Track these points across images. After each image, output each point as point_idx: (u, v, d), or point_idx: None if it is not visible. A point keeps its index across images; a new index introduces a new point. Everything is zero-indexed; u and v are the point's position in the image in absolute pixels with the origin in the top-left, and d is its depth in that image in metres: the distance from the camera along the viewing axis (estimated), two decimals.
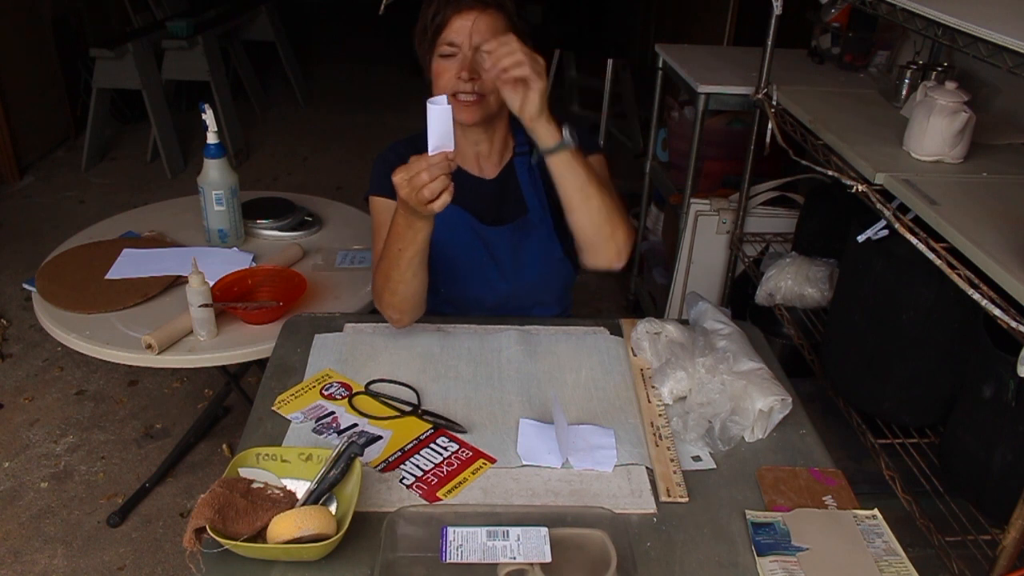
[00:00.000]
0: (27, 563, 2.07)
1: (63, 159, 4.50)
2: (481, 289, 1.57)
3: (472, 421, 1.28)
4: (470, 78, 1.39)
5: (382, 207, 1.51)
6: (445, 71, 1.41)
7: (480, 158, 1.55)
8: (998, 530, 1.30)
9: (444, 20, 1.40)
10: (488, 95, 1.42)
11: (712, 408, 1.28)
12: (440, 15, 1.40)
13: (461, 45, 1.39)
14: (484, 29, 1.38)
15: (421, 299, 1.43)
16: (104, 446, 2.47)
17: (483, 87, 1.41)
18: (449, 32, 1.40)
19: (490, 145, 1.54)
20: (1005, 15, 1.30)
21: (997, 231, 1.33)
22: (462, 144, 1.50)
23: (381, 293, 1.42)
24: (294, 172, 4.51)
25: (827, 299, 2.00)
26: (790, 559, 1.04)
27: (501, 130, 1.54)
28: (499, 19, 1.41)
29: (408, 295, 1.40)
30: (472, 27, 1.38)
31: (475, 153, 1.54)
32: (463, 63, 1.40)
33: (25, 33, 4.26)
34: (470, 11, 1.39)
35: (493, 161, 1.56)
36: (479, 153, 1.54)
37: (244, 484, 1.07)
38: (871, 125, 1.82)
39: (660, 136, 2.90)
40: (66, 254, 2.06)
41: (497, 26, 1.40)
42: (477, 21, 1.38)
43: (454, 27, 1.39)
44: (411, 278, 1.38)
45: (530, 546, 0.99)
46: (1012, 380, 1.28)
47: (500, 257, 1.54)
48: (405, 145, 1.53)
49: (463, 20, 1.39)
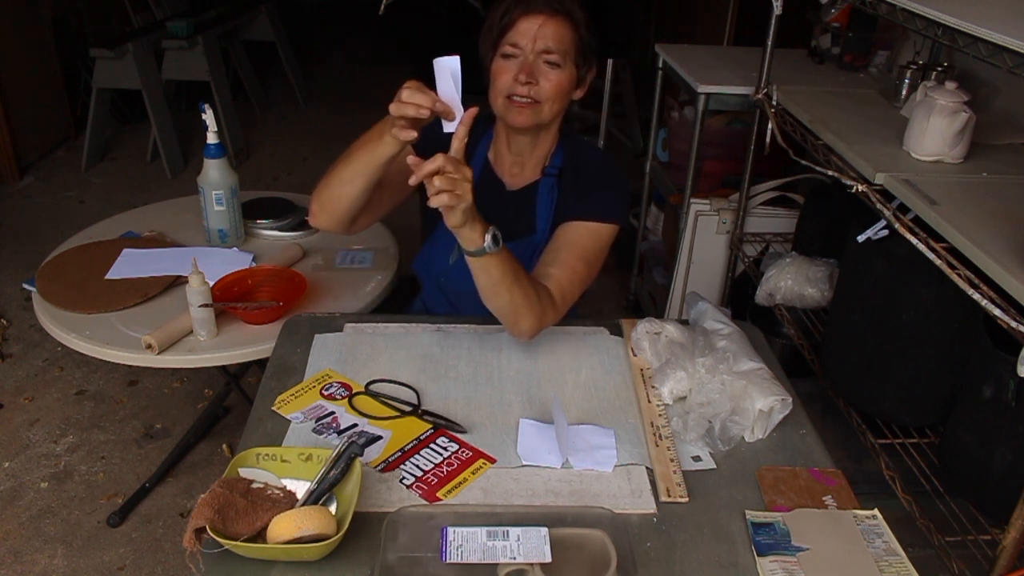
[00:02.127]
0: (27, 563, 2.07)
1: (63, 159, 4.50)
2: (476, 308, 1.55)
3: (472, 421, 1.28)
4: (527, 82, 1.37)
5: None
6: (504, 72, 1.39)
7: (514, 166, 1.53)
8: (998, 530, 1.30)
9: (511, 20, 1.37)
10: (544, 103, 1.39)
11: (712, 408, 1.28)
12: (508, 15, 1.38)
13: (524, 48, 1.37)
14: (550, 35, 1.36)
15: (345, 210, 1.38)
16: (104, 446, 2.47)
17: (539, 93, 1.38)
18: (514, 33, 1.37)
19: (529, 157, 1.51)
20: (1005, 15, 1.30)
21: (997, 231, 1.33)
22: (502, 148, 1.49)
23: (320, 183, 1.39)
24: (294, 172, 4.51)
25: (827, 299, 2.00)
26: (790, 559, 1.04)
27: (544, 145, 1.51)
28: (566, 27, 1.38)
29: (335, 196, 1.37)
30: (538, 31, 1.36)
31: (512, 160, 1.52)
32: (522, 66, 1.37)
33: (25, 33, 4.26)
34: (539, 14, 1.36)
35: (523, 174, 1.54)
36: (515, 160, 1.52)
37: (244, 484, 1.07)
38: (871, 125, 1.82)
39: (660, 136, 2.90)
40: (66, 254, 2.06)
41: (563, 34, 1.38)
42: (544, 26, 1.36)
43: (520, 28, 1.37)
44: (346, 183, 1.34)
45: (530, 546, 0.99)
46: (1012, 380, 1.28)
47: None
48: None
49: (530, 23, 1.37)
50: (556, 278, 1.40)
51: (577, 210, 1.46)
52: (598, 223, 1.46)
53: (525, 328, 1.36)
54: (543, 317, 1.36)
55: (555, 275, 1.40)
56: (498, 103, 1.42)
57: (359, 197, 1.37)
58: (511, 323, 1.37)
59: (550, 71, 1.38)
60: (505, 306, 1.33)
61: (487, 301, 1.34)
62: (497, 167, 1.52)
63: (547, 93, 1.38)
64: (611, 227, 1.47)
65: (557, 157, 1.52)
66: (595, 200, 1.46)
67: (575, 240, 1.45)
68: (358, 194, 1.36)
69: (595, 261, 1.47)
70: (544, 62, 1.38)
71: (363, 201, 1.38)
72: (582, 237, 1.45)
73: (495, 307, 1.34)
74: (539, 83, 1.38)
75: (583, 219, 1.45)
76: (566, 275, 1.41)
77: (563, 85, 1.40)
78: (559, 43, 1.37)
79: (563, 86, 1.40)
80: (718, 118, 2.62)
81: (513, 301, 1.31)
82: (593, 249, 1.45)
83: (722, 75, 2.39)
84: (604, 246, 1.48)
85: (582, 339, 1.50)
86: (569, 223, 1.46)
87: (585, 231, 1.45)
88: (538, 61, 1.37)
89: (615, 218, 1.47)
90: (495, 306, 1.34)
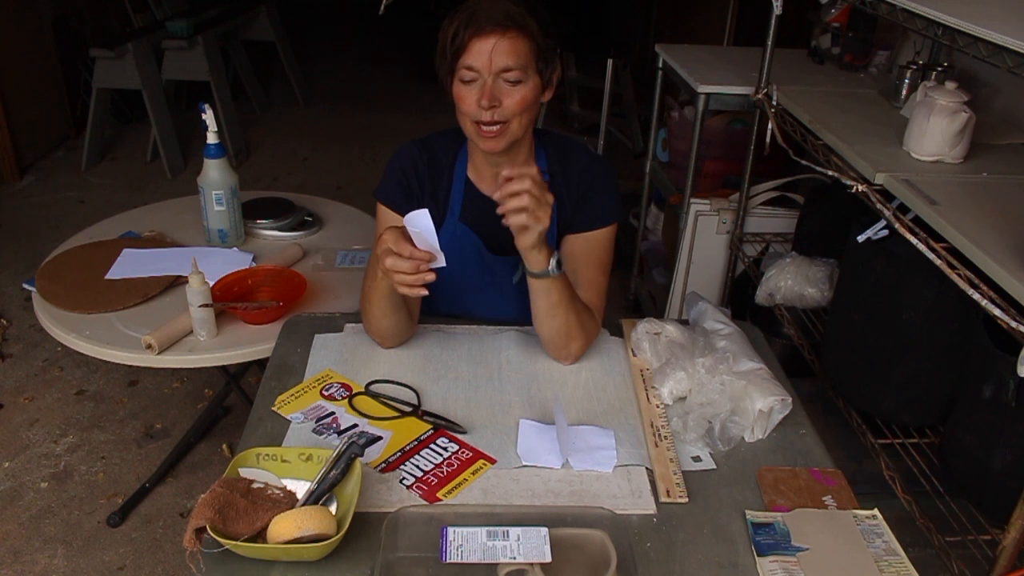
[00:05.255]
0: (27, 563, 2.07)
1: (63, 159, 4.50)
2: (484, 311, 1.55)
3: (472, 421, 1.28)
4: (491, 106, 1.30)
5: (384, 216, 1.47)
6: (466, 97, 1.32)
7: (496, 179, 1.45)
8: (998, 530, 1.30)
9: (463, 43, 1.29)
10: (511, 120, 1.34)
11: (712, 408, 1.28)
12: (459, 37, 1.29)
13: (481, 70, 1.30)
14: (506, 52, 1.28)
15: (400, 331, 1.43)
16: (104, 446, 2.47)
17: (505, 113, 1.32)
18: (468, 56, 1.29)
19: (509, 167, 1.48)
20: (1005, 15, 1.30)
21: (997, 231, 1.33)
22: (481, 164, 1.47)
23: (364, 316, 1.43)
24: (294, 172, 4.51)
25: (827, 299, 2.00)
26: (790, 559, 1.04)
27: (523, 152, 1.45)
28: (521, 41, 1.29)
29: (383, 328, 1.41)
30: (492, 52, 1.28)
31: (493, 174, 1.46)
32: (483, 90, 1.30)
33: (25, 33, 4.26)
34: (490, 35, 1.28)
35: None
36: (497, 174, 1.45)
37: (244, 484, 1.07)
38: (871, 125, 1.82)
39: (660, 136, 2.90)
40: (66, 254, 2.06)
41: (519, 49, 1.30)
42: (498, 45, 1.28)
43: (473, 51, 1.29)
44: (381, 317, 1.38)
45: (530, 546, 0.99)
46: (1012, 380, 1.28)
47: (503, 285, 1.51)
48: (420, 146, 1.48)
49: (483, 43, 1.28)
50: (586, 299, 1.43)
51: (578, 223, 1.46)
52: (602, 229, 1.46)
53: (574, 349, 1.41)
54: (590, 338, 1.43)
55: (584, 296, 1.43)
56: (468, 129, 1.38)
57: (402, 318, 1.40)
58: (562, 345, 1.40)
59: (512, 89, 1.31)
60: (560, 328, 1.37)
61: (541, 323, 1.38)
62: (480, 184, 1.48)
63: (512, 110, 1.32)
64: (614, 227, 1.49)
65: (541, 160, 1.48)
66: (595, 207, 1.46)
67: (589, 253, 1.46)
68: (400, 318, 1.40)
69: (608, 264, 1.50)
70: (505, 81, 1.31)
71: (407, 314, 1.41)
72: (594, 249, 1.46)
73: (549, 328, 1.38)
74: (503, 103, 1.31)
75: (589, 230, 1.46)
76: (594, 292, 1.46)
77: (528, 99, 1.33)
78: (517, 59, 1.29)
79: (528, 100, 1.33)
80: (718, 118, 2.62)
81: (568, 323, 1.36)
82: (605, 256, 1.48)
83: (722, 75, 2.39)
84: (612, 246, 1.50)
85: None
86: (576, 236, 1.46)
87: (595, 242, 1.46)
88: (498, 81, 1.30)
89: (616, 218, 1.48)
90: (550, 328, 1.38)
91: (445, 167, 1.48)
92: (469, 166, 1.48)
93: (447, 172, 1.48)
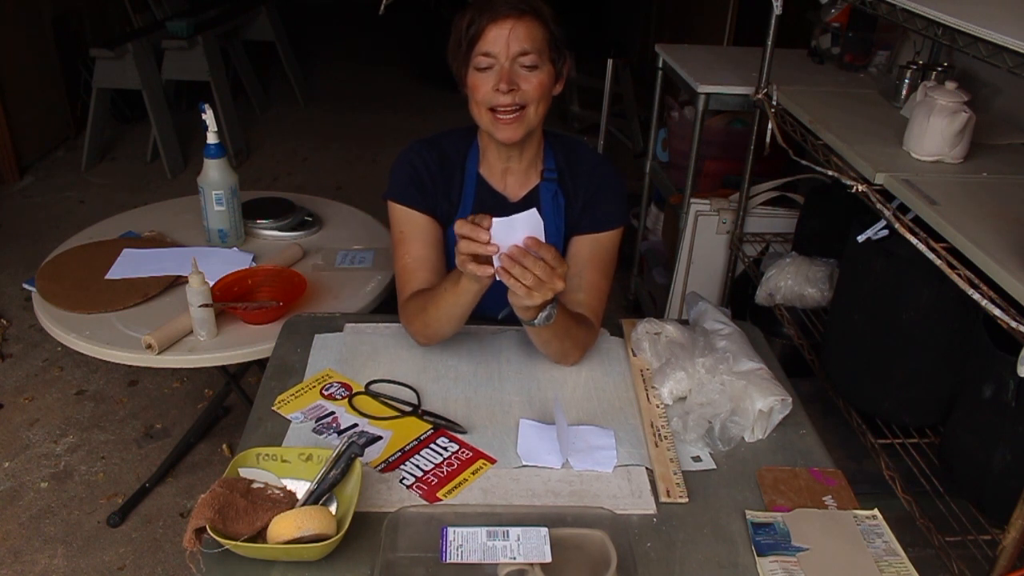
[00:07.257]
0: (27, 563, 2.07)
1: (63, 159, 4.50)
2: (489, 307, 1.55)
3: (472, 421, 1.28)
4: (509, 89, 1.32)
5: (401, 216, 1.46)
6: (483, 84, 1.34)
7: (507, 175, 1.49)
8: (998, 530, 1.30)
9: (479, 30, 1.33)
10: (528, 105, 1.36)
11: (712, 408, 1.28)
12: (475, 25, 1.33)
13: (498, 55, 1.32)
14: (523, 36, 1.32)
15: (451, 332, 1.42)
16: (104, 446, 2.47)
17: (524, 97, 1.34)
18: (484, 42, 1.32)
19: (520, 162, 1.48)
20: (1005, 15, 1.30)
21: (997, 231, 1.33)
22: (493, 159, 1.47)
23: (413, 320, 1.41)
24: (294, 172, 4.51)
25: (827, 299, 2.00)
26: (790, 559, 1.04)
27: (533, 147, 1.47)
28: (536, 25, 1.34)
29: (441, 333, 1.41)
30: (509, 36, 1.31)
31: (503, 168, 1.48)
32: (501, 74, 1.33)
33: (25, 33, 4.25)
34: (506, 19, 1.32)
35: (519, 181, 1.49)
36: (508, 169, 1.48)
37: (244, 484, 1.07)
38: (871, 125, 1.82)
39: (660, 136, 2.90)
40: (66, 254, 2.06)
41: (534, 34, 1.33)
42: (514, 29, 1.32)
43: (490, 37, 1.32)
44: (446, 324, 1.37)
45: (530, 546, 0.99)
46: (1012, 380, 1.28)
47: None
48: (426, 146, 1.48)
49: (499, 29, 1.32)
50: (587, 304, 1.44)
51: (586, 225, 1.47)
52: (608, 232, 1.47)
53: (573, 360, 1.44)
54: (588, 347, 1.46)
55: (585, 301, 1.44)
56: (483, 118, 1.38)
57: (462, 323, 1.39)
58: (559, 360, 1.43)
59: (529, 74, 1.34)
60: (555, 353, 1.41)
61: (536, 347, 1.41)
62: (491, 180, 1.48)
63: (531, 95, 1.34)
64: (620, 231, 1.50)
65: (550, 158, 1.49)
66: (602, 210, 1.46)
67: (593, 256, 1.46)
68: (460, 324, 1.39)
69: (612, 268, 1.50)
70: (521, 66, 1.34)
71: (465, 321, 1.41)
72: (598, 252, 1.47)
73: (545, 351, 1.42)
74: (521, 88, 1.34)
75: (594, 232, 1.46)
76: (595, 296, 1.46)
77: (545, 84, 1.36)
78: (533, 43, 1.33)
79: (545, 85, 1.36)
80: (718, 118, 2.62)
81: (563, 348, 1.40)
82: (609, 260, 1.49)
83: (722, 75, 2.39)
84: (616, 250, 1.50)
85: None
86: (581, 238, 1.47)
87: (599, 245, 1.47)
88: (515, 66, 1.33)
89: (622, 221, 1.49)
90: (545, 351, 1.41)
91: (456, 164, 1.48)
92: (481, 162, 1.49)
93: (458, 169, 1.48)
